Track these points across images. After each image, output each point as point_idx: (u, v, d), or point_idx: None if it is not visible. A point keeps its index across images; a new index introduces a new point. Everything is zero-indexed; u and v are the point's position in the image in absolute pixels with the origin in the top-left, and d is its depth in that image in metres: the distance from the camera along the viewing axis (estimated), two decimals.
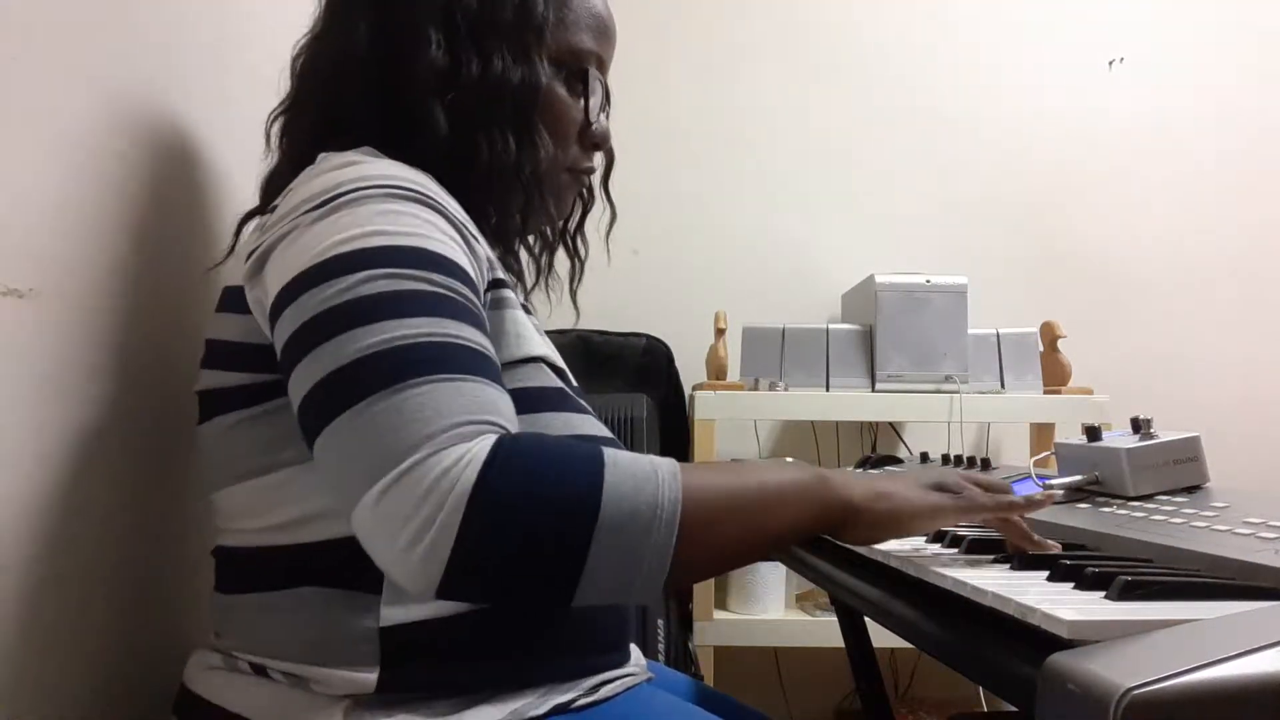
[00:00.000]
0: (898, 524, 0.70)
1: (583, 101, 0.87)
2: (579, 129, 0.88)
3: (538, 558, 0.57)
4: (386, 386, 0.59)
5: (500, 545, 0.56)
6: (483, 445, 0.57)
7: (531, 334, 0.77)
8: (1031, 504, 0.71)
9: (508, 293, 0.76)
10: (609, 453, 0.61)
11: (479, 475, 0.56)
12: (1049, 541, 0.69)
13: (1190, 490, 0.88)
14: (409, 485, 0.56)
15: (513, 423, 0.63)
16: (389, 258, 0.65)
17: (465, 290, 0.67)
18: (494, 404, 0.62)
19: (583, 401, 0.80)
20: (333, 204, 0.68)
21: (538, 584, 0.58)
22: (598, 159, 0.93)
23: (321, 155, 0.77)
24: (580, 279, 0.99)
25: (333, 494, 0.63)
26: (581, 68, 0.86)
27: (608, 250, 1.00)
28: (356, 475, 0.58)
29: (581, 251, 0.99)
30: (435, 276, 0.65)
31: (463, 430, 0.58)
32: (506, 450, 0.58)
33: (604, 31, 0.88)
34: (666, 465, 0.62)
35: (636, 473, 0.60)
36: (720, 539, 0.63)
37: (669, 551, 0.59)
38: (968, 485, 0.71)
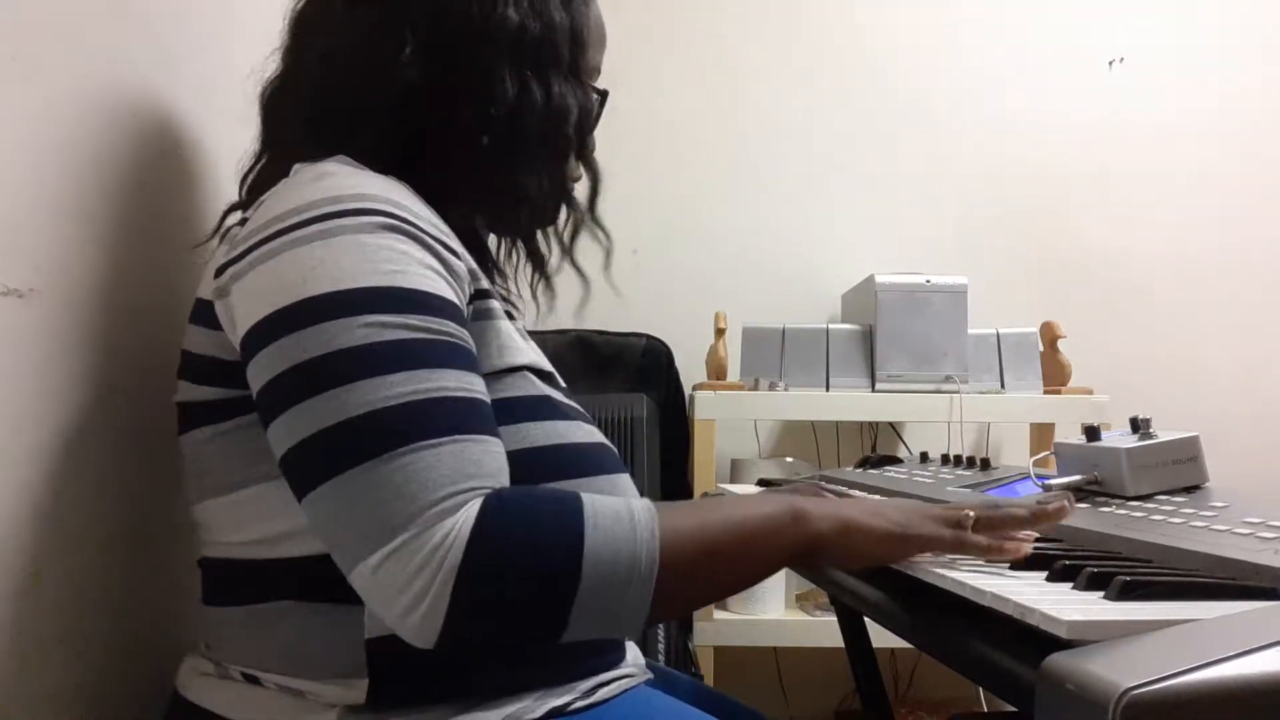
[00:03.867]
0: (860, 558, 0.73)
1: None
2: None
3: (523, 621, 0.62)
4: (372, 456, 0.61)
5: (488, 613, 0.61)
6: (466, 517, 0.61)
7: (516, 343, 0.77)
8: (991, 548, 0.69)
9: (492, 303, 0.76)
10: (589, 510, 0.64)
11: (464, 553, 0.59)
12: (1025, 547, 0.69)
13: (1190, 490, 0.88)
14: (401, 561, 0.60)
15: (495, 476, 0.65)
16: (367, 302, 0.64)
17: (447, 325, 0.67)
18: (477, 464, 0.63)
19: (571, 404, 0.80)
20: (304, 229, 0.67)
21: (526, 637, 0.64)
22: None
23: (295, 168, 0.75)
24: (543, 275, 0.93)
25: (326, 548, 0.65)
26: (594, 86, 0.87)
27: (570, 253, 0.96)
28: (351, 543, 0.62)
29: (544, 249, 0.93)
30: (414, 319, 0.65)
31: (445, 506, 0.61)
32: (490, 521, 0.61)
33: (604, 40, 0.89)
34: (644, 517, 0.64)
35: (616, 533, 0.63)
36: (695, 584, 0.68)
37: (646, 603, 0.63)
38: (927, 522, 0.71)
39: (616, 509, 0.64)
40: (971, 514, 0.71)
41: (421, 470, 0.61)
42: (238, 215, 0.82)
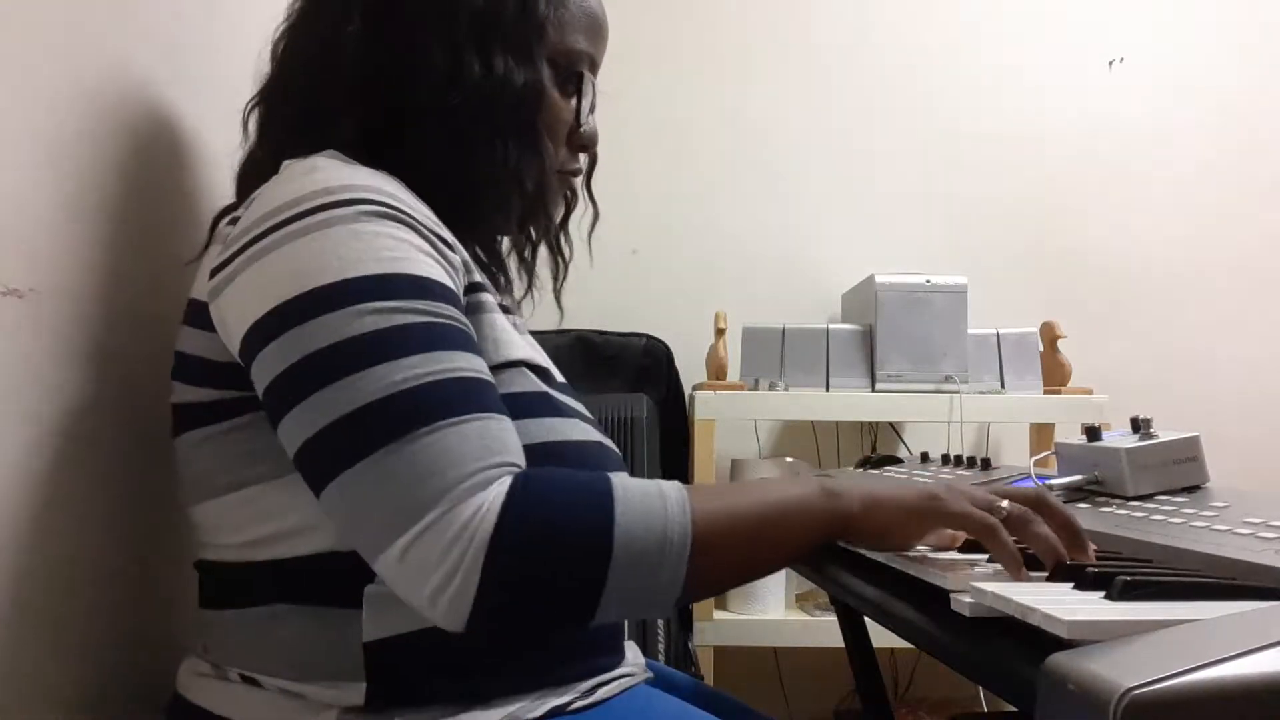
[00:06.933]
0: (889, 534, 0.71)
1: (574, 102, 0.86)
2: (569, 130, 0.87)
3: (555, 600, 0.61)
4: (395, 439, 0.60)
5: (520, 591, 0.60)
6: (498, 492, 0.60)
7: (511, 337, 0.76)
8: (1001, 545, 0.64)
9: (485, 296, 0.75)
10: (618, 489, 0.63)
11: (495, 526, 0.59)
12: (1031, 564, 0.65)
13: (1190, 490, 0.88)
14: (432, 539, 0.59)
15: (518, 455, 0.64)
16: (370, 289, 0.64)
17: (450, 310, 0.67)
18: (500, 441, 0.63)
19: (569, 400, 0.79)
20: (298, 222, 0.66)
21: (557, 619, 0.62)
22: (583, 159, 0.92)
23: (285, 164, 0.75)
24: (564, 279, 0.97)
25: (349, 541, 0.64)
26: (575, 69, 0.85)
27: (590, 250, 0.98)
28: (377, 529, 0.60)
29: (566, 251, 0.97)
30: (419, 304, 0.65)
31: (476, 480, 0.60)
32: (520, 497, 0.60)
33: (597, 31, 0.87)
34: (675, 496, 0.64)
35: (647, 509, 0.62)
36: (727, 563, 0.67)
37: (679, 582, 0.62)
38: (962, 499, 0.68)
39: (645, 488, 0.64)
40: (1005, 506, 0.66)
41: (448, 448, 0.60)
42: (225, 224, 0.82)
